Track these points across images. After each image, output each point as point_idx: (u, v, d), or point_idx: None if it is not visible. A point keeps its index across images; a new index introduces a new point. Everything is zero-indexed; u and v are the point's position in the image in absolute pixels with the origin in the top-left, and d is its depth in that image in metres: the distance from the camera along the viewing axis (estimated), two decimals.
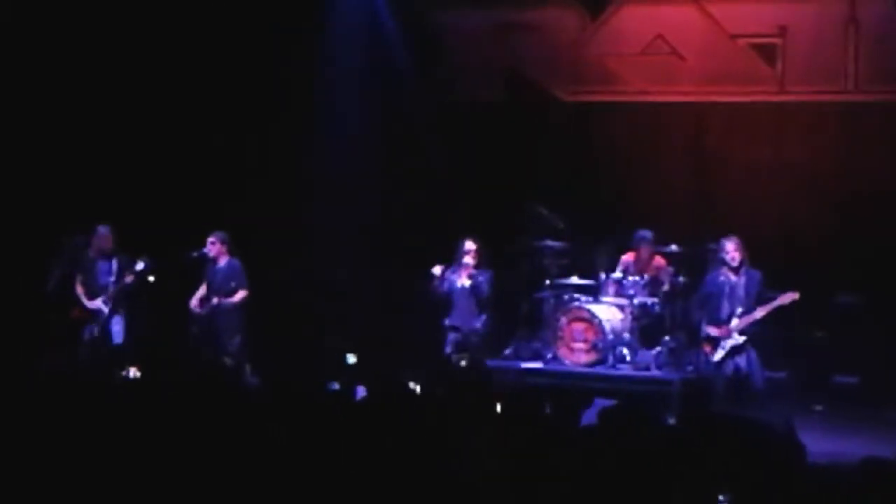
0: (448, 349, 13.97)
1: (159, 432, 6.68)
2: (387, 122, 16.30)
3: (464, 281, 14.08)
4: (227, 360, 13.09)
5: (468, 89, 16.54)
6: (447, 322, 14.13)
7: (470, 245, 14.05)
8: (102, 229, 13.87)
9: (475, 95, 16.52)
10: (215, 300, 13.80)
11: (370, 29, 16.45)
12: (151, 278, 13.84)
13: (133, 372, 9.31)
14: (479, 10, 16.65)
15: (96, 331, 13.71)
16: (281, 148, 16.17)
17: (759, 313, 12.58)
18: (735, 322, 12.64)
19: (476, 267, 14.07)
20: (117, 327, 13.81)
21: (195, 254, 14.01)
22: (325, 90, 16.22)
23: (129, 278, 13.71)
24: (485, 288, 14.02)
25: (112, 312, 13.79)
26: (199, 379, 7.81)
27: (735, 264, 12.75)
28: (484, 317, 14.10)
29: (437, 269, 14.05)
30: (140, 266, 13.68)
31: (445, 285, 14.07)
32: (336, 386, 8.20)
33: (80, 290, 13.88)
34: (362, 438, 6.54)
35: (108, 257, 13.86)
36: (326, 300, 15.49)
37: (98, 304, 13.79)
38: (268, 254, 15.12)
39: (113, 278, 13.77)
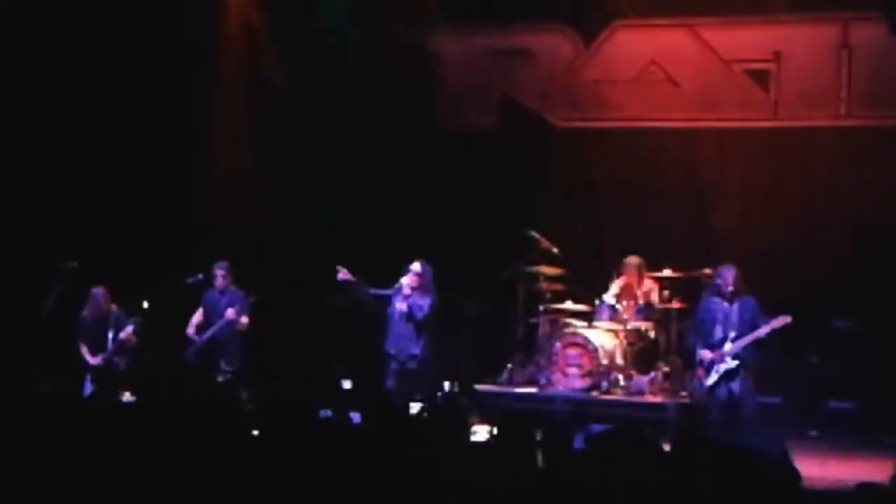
0: (389, 382, 13.57)
1: (153, 456, 6.67)
2: (381, 148, 16.30)
3: (400, 304, 13.75)
4: (221, 380, 13.08)
5: (462, 116, 16.57)
6: (385, 348, 13.81)
7: (414, 267, 13.69)
8: (97, 291, 13.86)
9: (469, 122, 16.54)
10: (229, 314, 13.72)
11: (364, 56, 16.47)
12: (145, 304, 13.81)
13: (126, 396, 9.32)
14: (472, 36, 16.68)
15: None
16: (275, 174, 16.17)
17: (752, 337, 12.57)
18: (728, 346, 12.63)
19: (417, 290, 13.69)
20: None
21: (190, 280, 14.00)
22: (319, 116, 16.24)
23: (122, 337, 13.68)
24: (422, 313, 13.63)
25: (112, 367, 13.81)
26: (193, 403, 7.79)
27: (730, 292, 12.74)
28: (422, 342, 13.70)
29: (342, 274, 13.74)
30: (129, 328, 13.67)
31: (388, 309, 13.78)
32: (329, 413, 8.18)
33: (83, 348, 13.87)
34: (357, 464, 6.53)
35: (105, 316, 13.85)
36: (322, 325, 15.47)
37: (98, 361, 13.78)
38: (262, 278, 15.11)
39: (111, 335, 13.77)
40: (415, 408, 11.62)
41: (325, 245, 15.61)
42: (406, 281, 13.66)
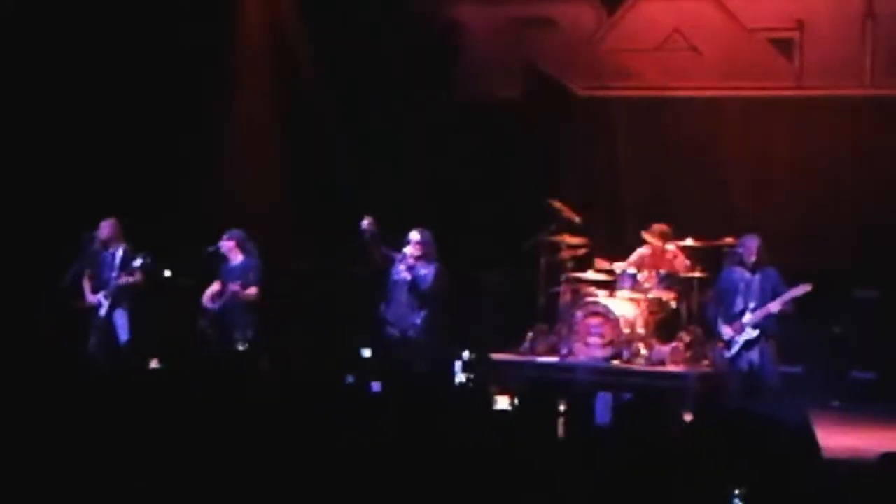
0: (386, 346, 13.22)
1: (174, 424, 6.70)
2: (403, 120, 16.29)
3: (404, 273, 13.43)
4: (241, 349, 13.06)
5: (484, 86, 16.55)
6: (383, 313, 13.52)
7: (414, 235, 13.38)
8: (104, 222, 13.67)
9: (491, 91, 16.52)
10: (232, 287, 13.64)
11: (386, 26, 16.46)
12: (168, 273, 13.83)
13: (153, 363, 9.34)
14: (494, 5, 16.65)
15: (98, 323, 13.65)
16: (299, 145, 16.19)
17: (773, 306, 12.51)
18: (748, 317, 12.57)
19: (421, 259, 13.36)
20: (121, 321, 13.71)
21: (210, 249, 13.96)
22: (342, 89, 16.24)
23: (127, 277, 13.57)
24: (426, 282, 13.29)
25: (113, 306, 13.65)
26: (213, 370, 7.82)
27: (752, 262, 12.67)
28: (424, 313, 13.34)
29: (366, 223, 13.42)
30: (138, 262, 13.52)
31: (391, 276, 13.48)
32: (351, 379, 8.20)
33: (86, 283, 13.76)
34: (377, 431, 6.55)
35: (112, 250, 13.76)
36: (342, 294, 15.49)
37: (99, 298, 13.66)
38: (285, 248, 15.15)
39: (115, 272, 13.66)
40: (461, 377, 11.61)
41: (346, 216, 15.63)
42: (409, 251, 13.39)
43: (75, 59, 15.56)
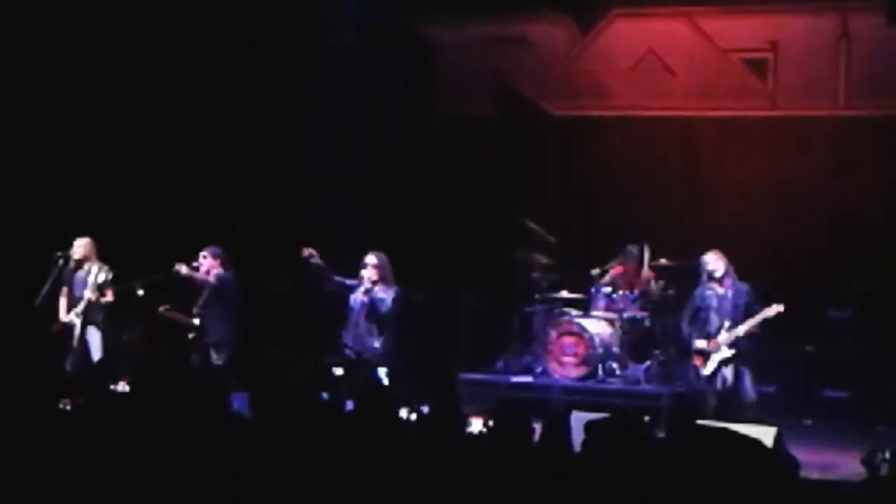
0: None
1: (147, 445, 6.66)
2: (377, 137, 16.29)
3: (362, 297, 13.25)
4: (217, 367, 13.03)
5: (458, 104, 16.54)
6: (343, 339, 13.36)
7: (370, 259, 13.19)
8: (79, 241, 13.68)
9: (465, 110, 16.51)
10: (202, 301, 13.64)
11: (360, 45, 16.46)
12: (140, 292, 13.77)
13: (122, 385, 9.28)
14: (469, 24, 16.66)
15: (72, 342, 13.61)
16: (274, 163, 16.16)
17: (746, 326, 12.52)
18: (723, 336, 12.59)
19: (379, 283, 13.17)
20: (94, 341, 13.69)
21: (184, 270, 13.90)
22: (316, 105, 16.22)
23: (96, 293, 13.59)
24: (385, 305, 13.08)
25: (86, 324, 13.63)
26: (187, 393, 7.76)
27: (718, 275, 12.65)
28: (383, 338, 13.14)
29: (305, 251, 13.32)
30: (101, 279, 13.57)
31: (349, 301, 13.33)
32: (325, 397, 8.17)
33: (62, 302, 13.73)
34: (349, 450, 6.53)
35: (86, 269, 13.77)
36: (318, 314, 15.46)
37: (70, 316, 13.67)
38: (261, 266, 15.11)
39: (87, 290, 13.69)
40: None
41: (319, 234, 15.62)
42: (367, 274, 13.19)
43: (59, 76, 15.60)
